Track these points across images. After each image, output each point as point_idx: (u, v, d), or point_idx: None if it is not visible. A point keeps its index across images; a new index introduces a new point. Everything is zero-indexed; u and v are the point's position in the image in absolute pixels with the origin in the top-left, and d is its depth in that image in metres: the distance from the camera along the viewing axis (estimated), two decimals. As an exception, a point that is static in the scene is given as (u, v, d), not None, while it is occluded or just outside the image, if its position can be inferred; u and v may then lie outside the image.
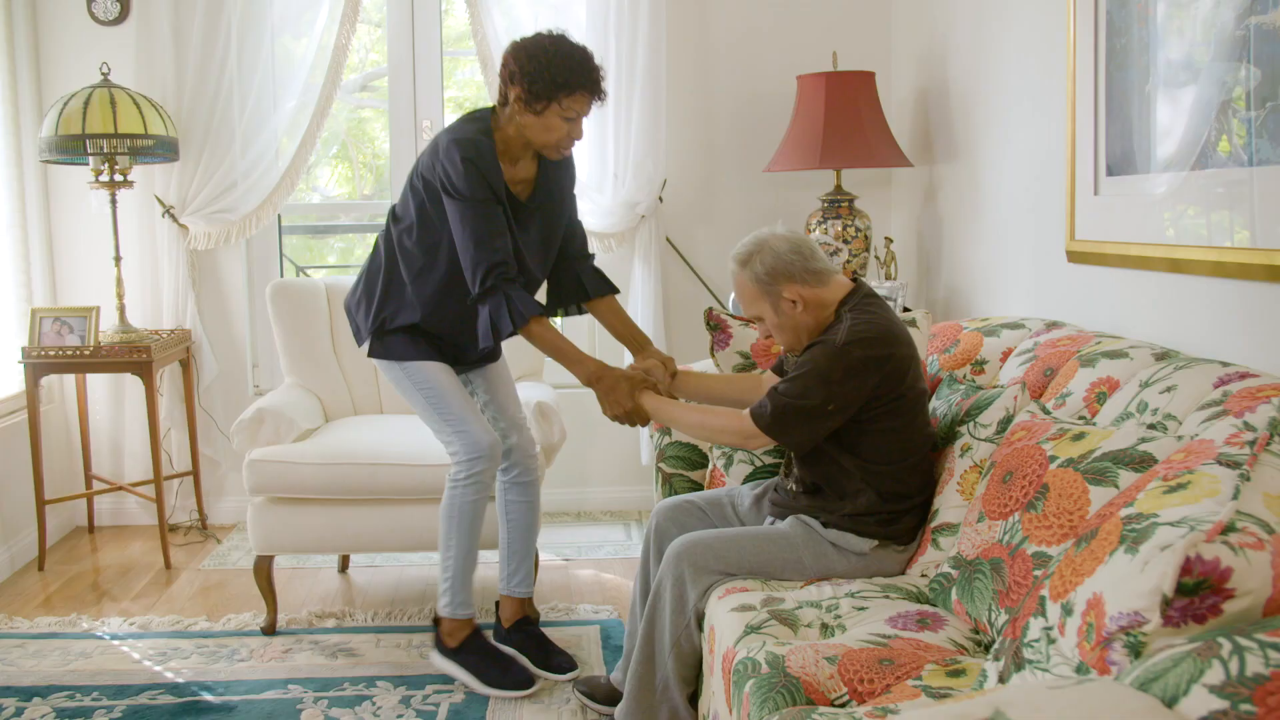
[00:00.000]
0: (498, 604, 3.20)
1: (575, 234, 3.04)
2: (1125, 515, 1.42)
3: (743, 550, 2.36)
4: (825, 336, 2.36)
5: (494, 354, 3.14)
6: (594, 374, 2.72)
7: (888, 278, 3.94)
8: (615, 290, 3.05)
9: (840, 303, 2.41)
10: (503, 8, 4.28)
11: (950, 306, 3.88)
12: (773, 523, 2.51)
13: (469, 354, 3.01)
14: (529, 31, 4.33)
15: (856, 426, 2.34)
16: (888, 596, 2.16)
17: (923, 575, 2.31)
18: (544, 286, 3.05)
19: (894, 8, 4.39)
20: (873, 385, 2.29)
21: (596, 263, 3.07)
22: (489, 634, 3.10)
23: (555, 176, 2.92)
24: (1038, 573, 1.77)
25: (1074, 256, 2.88)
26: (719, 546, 2.37)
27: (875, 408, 2.32)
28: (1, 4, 4.12)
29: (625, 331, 3.00)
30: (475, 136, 2.73)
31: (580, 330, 4.53)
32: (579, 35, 4.24)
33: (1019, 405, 2.33)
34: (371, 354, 2.95)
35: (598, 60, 2.75)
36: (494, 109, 2.82)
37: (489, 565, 3.44)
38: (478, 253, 2.70)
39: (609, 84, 4.17)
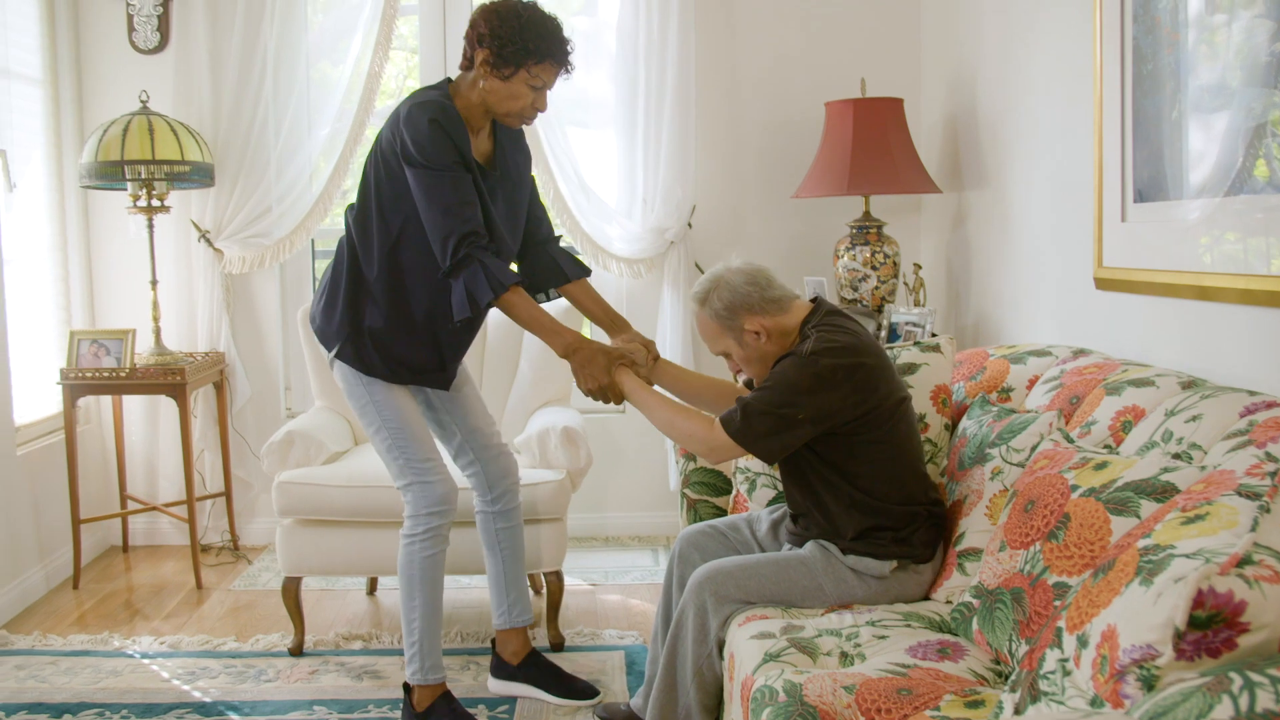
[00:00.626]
0: (494, 642, 3.14)
1: (541, 217, 2.97)
2: (1142, 546, 1.41)
3: (763, 578, 2.36)
4: (793, 350, 2.37)
5: (457, 376, 3.01)
6: (571, 345, 2.65)
7: (916, 304, 3.93)
8: (588, 272, 2.97)
9: (802, 324, 2.43)
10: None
11: (980, 333, 3.86)
12: (791, 548, 2.51)
13: (447, 367, 2.89)
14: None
15: (843, 445, 2.34)
16: (909, 625, 2.15)
17: (947, 601, 2.29)
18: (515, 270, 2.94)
19: (924, 35, 4.40)
20: (845, 396, 2.28)
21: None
22: (487, 677, 3.09)
23: (512, 154, 2.85)
24: (1058, 603, 1.76)
25: (1102, 283, 2.87)
26: (740, 575, 2.36)
27: (854, 422, 2.31)
28: (46, 33, 4.23)
29: (602, 313, 2.91)
30: (439, 99, 2.64)
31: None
32: (609, 62, 4.33)
33: (1053, 432, 2.31)
34: (340, 356, 2.77)
35: (567, 33, 2.68)
36: (449, 80, 2.75)
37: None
38: (447, 222, 2.57)
39: (639, 109, 4.26)
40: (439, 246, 2.59)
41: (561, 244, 3.03)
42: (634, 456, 4.59)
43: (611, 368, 2.61)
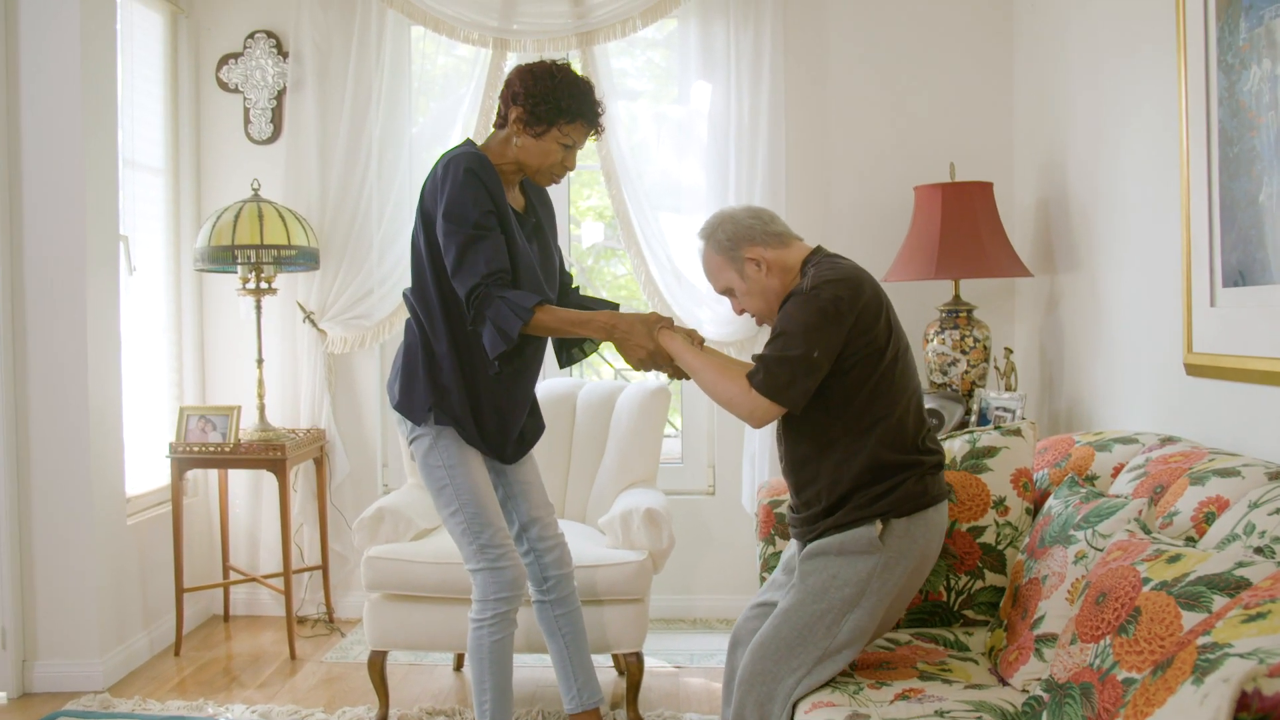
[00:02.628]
0: None
1: (565, 271, 3.07)
2: (1201, 644, 1.37)
3: (781, 645, 2.34)
4: (794, 290, 2.40)
5: (528, 444, 3.06)
6: (607, 324, 2.69)
7: (1007, 389, 3.87)
8: (617, 306, 3.01)
9: (803, 263, 2.47)
10: (626, 126, 4.46)
11: (1073, 419, 3.78)
12: (797, 555, 2.50)
13: (512, 435, 2.93)
14: (653, 148, 4.55)
15: (842, 387, 2.35)
16: (979, 717, 2.09)
17: (1024, 690, 2.23)
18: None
19: (1016, 118, 4.39)
20: (850, 325, 2.31)
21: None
22: None
23: (540, 206, 2.97)
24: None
25: (1192, 369, 2.80)
26: (766, 664, 2.35)
27: (852, 357, 2.33)
28: (170, 126, 4.51)
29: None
30: (473, 151, 2.75)
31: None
32: (701, 150, 4.42)
33: (1144, 520, 2.25)
34: (438, 421, 2.79)
35: (598, 95, 2.82)
36: (470, 141, 2.87)
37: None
38: (465, 272, 2.64)
39: (730, 195, 4.32)
40: (463, 298, 2.67)
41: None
42: (722, 538, 4.58)
43: (654, 332, 2.65)
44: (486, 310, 2.64)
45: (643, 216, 4.41)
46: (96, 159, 3.77)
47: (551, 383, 4.17)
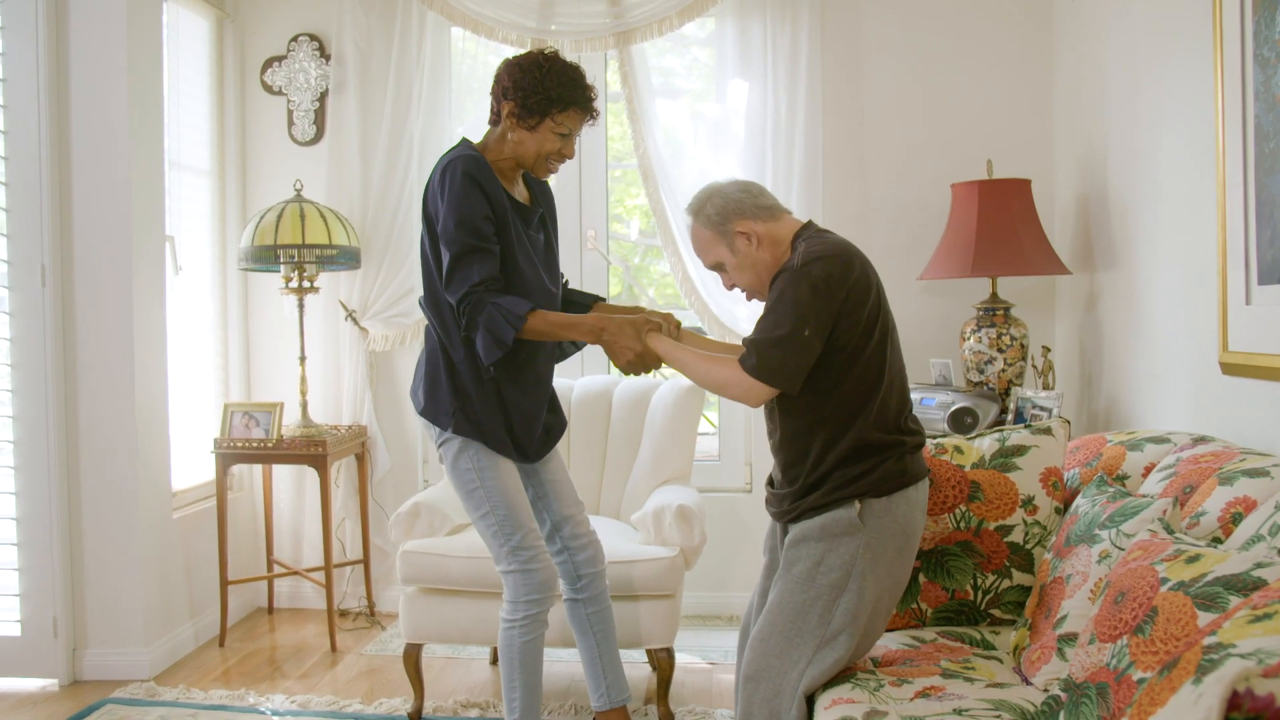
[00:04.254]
0: None
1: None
2: (1207, 644, 1.36)
3: (778, 639, 2.35)
4: (783, 267, 2.40)
5: (549, 459, 3.08)
6: (595, 327, 2.70)
7: (1045, 387, 3.84)
8: (602, 298, 3.06)
9: (794, 237, 2.46)
10: (663, 125, 4.48)
11: (1111, 417, 3.74)
12: (776, 535, 2.53)
13: (535, 433, 2.95)
14: (689, 147, 4.56)
15: (829, 364, 2.35)
16: (998, 715, 2.09)
17: (1045, 690, 2.22)
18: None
19: (1056, 114, 4.35)
20: (840, 301, 2.31)
21: None
22: None
23: (543, 199, 3.00)
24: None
25: (1227, 368, 2.76)
26: (769, 660, 2.36)
27: (843, 335, 2.33)
28: (215, 129, 4.61)
29: (625, 313, 2.91)
30: (468, 153, 2.75)
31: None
32: (737, 148, 4.43)
33: (1168, 520, 2.23)
34: (457, 430, 2.83)
35: (590, 79, 2.82)
36: (466, 140, 2.88)
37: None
38: (457, 281, 2.67)
39: (768, 184, 4.32)
40: (455, 306, 2.70)
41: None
42: (758, 535, 4.57)
43: (642, 335, 2.67)
44: (479, 317, 2.67)
45: (679, 215, 4.42)
46: (142, 161, 3.86)
47: (587, 380, 4.21)
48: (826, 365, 2.36)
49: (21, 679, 3.83)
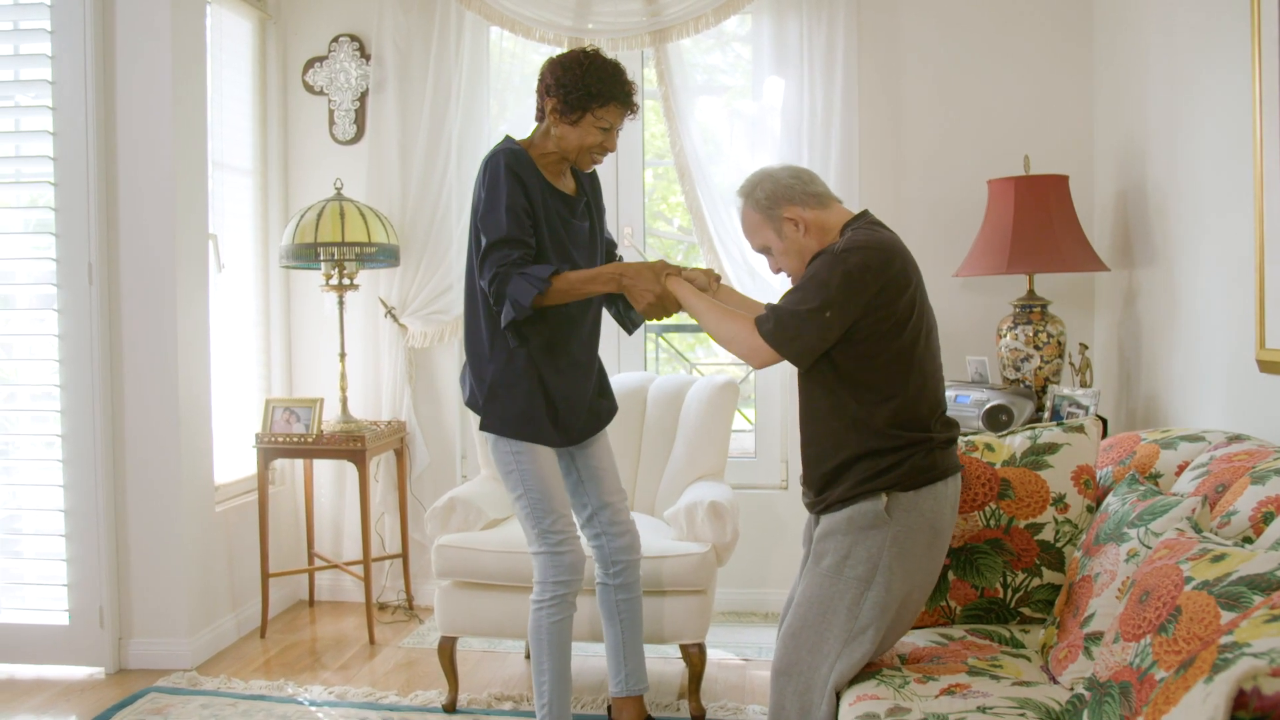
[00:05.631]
0: (609, 709, 3.22)
1: (610, 248, 3.21)
2: (1223, 644, 1.36)
3: (809, 633, 2.37)
4: (825, 249, 2.41)
5: (595, 444, 3.15)
6: (614, 273, 2.80)
7: (1083, 384, 3.81)
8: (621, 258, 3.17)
9: (844, 226, 2.47)
10: (700, 122, 4.49)
11: (1150, 415, 3.70)
12: (812, 531, 2.53)
13: (578, 415, 3.03)
14: (725, 144, 4.57)
15: (860, 355, 2.35)
16: (1023, 714, 2.08)
17: (1070, 688, 2.21)
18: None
19: (1095, 110, 4.31)
20: (872, 295, 2.30)
21: None
22: None
23: (590, 186, 3.10)
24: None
25: (1265, 366, 2.73)
26: (800, 654, 2.37)
27: (870, 326, 2.33)
28: (258, 130, 4.68)
29: None
30: (510, 146, 2.90)
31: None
32: (773, 144, 4.43)
33: (1197, 519, 2.22)
34: (484, 428, 2.97)
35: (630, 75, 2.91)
36: (509, 136, 2.98)
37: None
38: (488, 265, 2.79)
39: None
40: (486, 286, 2.82)
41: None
42: (794, 532, 4.58)
43: (661, 278, 2.73)
44: (506, 287, 2.77)
45: (715, 212, 4.44)
46: (186, 161, 3.94)
47: (624, 376, 4.23)
48: (848, 353, 2.37)
49: (70, 666, 3.93)
